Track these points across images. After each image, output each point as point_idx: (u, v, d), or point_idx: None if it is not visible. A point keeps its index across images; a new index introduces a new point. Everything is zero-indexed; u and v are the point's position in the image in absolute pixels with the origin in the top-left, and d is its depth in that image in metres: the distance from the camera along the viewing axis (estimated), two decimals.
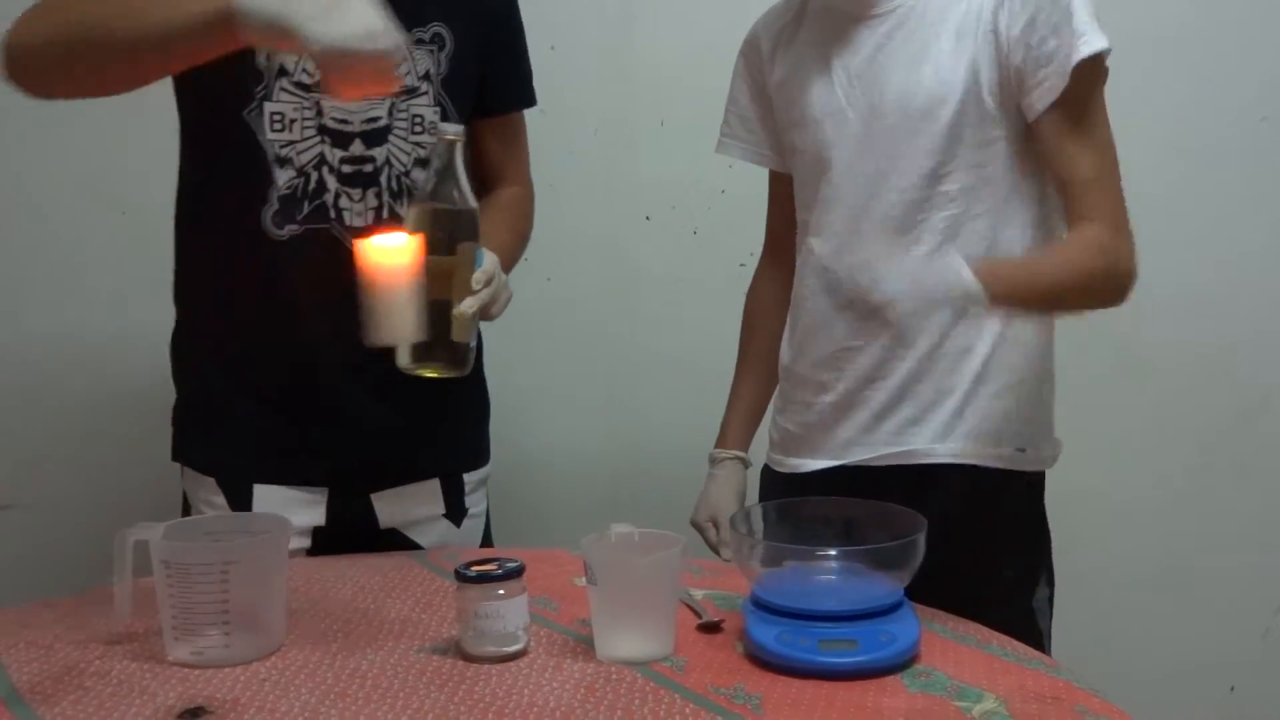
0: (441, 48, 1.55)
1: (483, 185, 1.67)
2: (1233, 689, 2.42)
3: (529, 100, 1.71)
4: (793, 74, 1.54)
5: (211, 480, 1.58)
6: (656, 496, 2.01)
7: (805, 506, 1.34)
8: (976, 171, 1.41)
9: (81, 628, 1.29)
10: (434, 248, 1.29)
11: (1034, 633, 1.49)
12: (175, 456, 1.63)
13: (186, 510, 1.62)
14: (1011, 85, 1.38)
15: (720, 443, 1.67)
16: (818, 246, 1.50)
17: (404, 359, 1.33)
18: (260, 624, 1.22)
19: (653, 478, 2.11)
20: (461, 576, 1.20)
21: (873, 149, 1.44)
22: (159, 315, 1.73)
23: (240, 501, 1.56)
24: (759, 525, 1.32)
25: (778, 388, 1.63)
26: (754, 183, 1.72)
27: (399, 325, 1.26)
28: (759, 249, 1.69)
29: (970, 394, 1.45)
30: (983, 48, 1.39)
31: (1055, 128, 1.37)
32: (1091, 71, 1.35)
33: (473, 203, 1.35)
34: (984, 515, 1.48)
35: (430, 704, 1.09)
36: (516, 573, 1.20)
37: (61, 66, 1.36)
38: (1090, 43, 1.34)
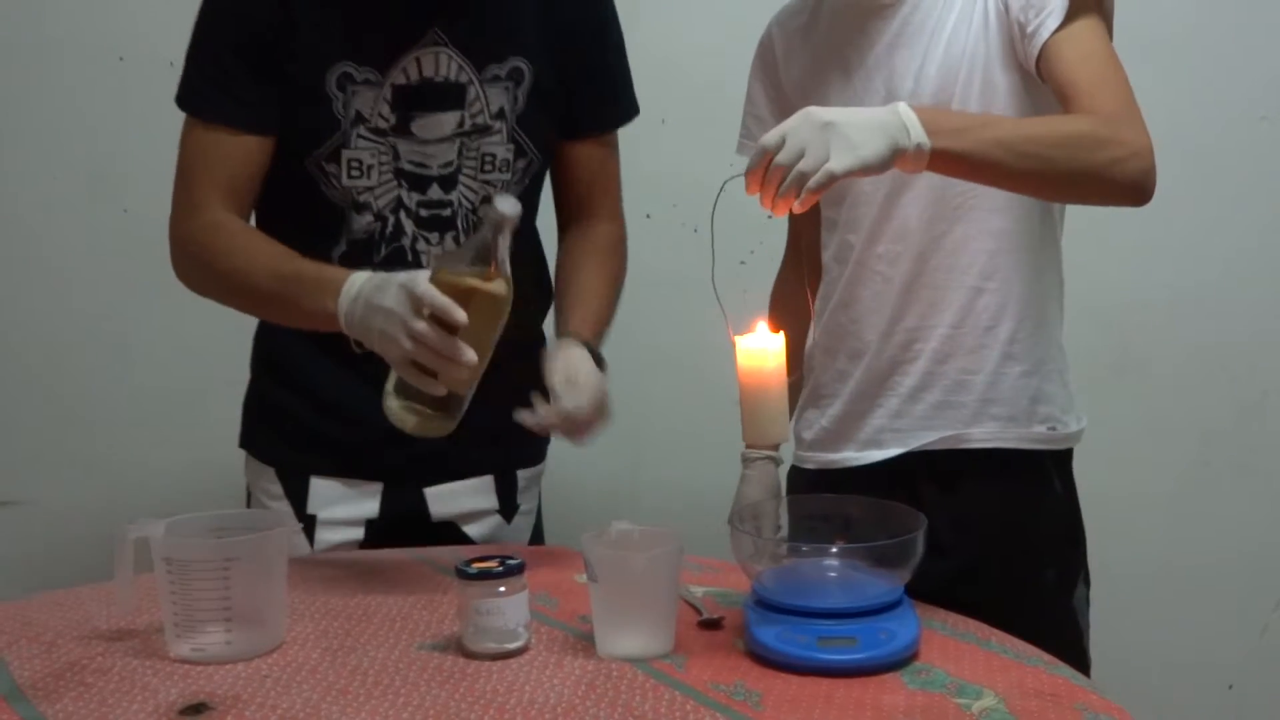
0: (519, 83, 1.53)
1: (572, 215, 1.66)
2: (1231, 687, 2.42)
3: (625, 115, 1.67)
4: (809, 71, 1.55)
5: (271, 470, 1.60)
6: (656, 493, 2.01)
7: (806, 504, 1.34)
8: None
9: (83, 624, 1.29)
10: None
11: (1074, 632, 1.49)
12: (242, 444, 1.64)
13: (249, 500, 1.64)
14: (1017, 42, 1.39)
15: (750, 441, 1.64)
16: (853, 240, 1.50)
17: (390, 399, 1.32)
18: (262, 621, 1.22)
19: (652, 474, 2.11)
20: (462, 574, 1.20)
21: None
22: (159, 314, 1.75)
23: (297, 493, 1.58)
24: (751, 525, 1.32)
25: (805, 385, 1.62)
26: None
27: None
28: (759, 247, 1.69)
29: (998, 374, 1.46)
30: (987, 13, 1.41)
31: (1058, 52, 1.34)
32: None
33: (503, 288, 1.29)
34: (1023, 509, 1.48)
35: (431, 701, 1.09)
36: (517, 570, 1.20)
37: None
38: None
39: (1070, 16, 1.34)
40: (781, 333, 1.20)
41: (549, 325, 1.66)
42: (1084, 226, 1.49)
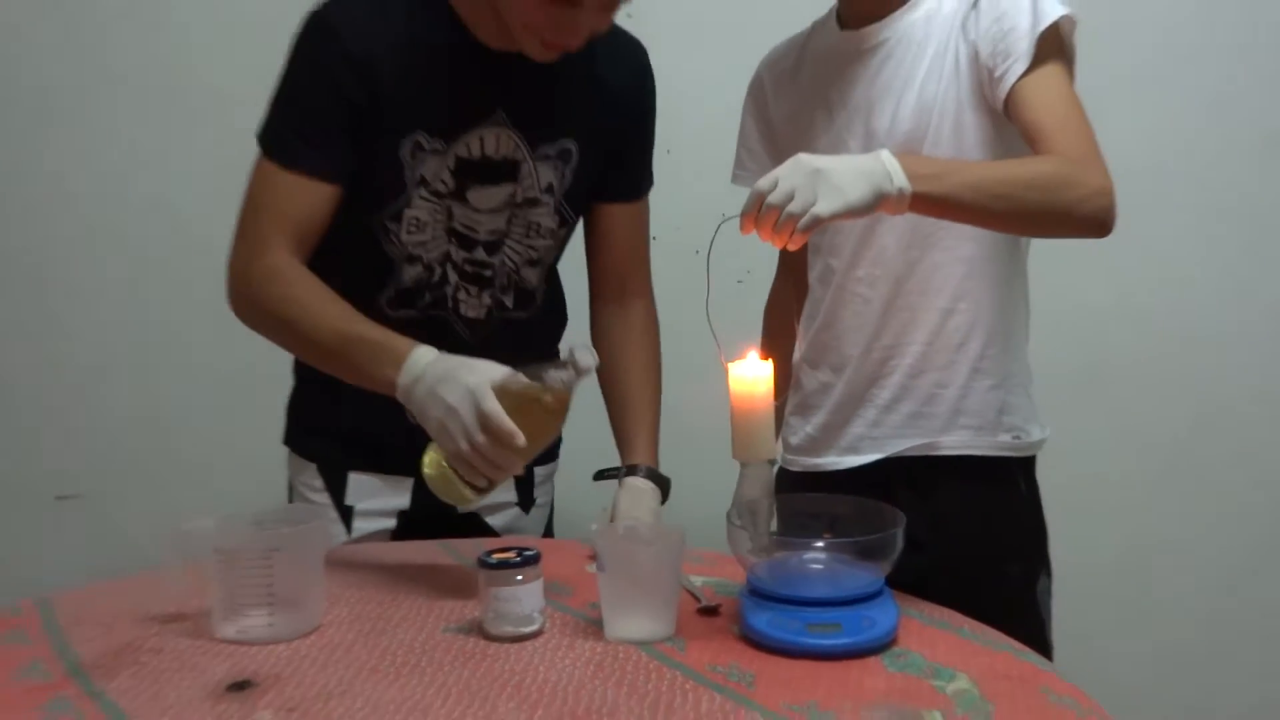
0: (567, 162, 1.53)
1: (608, 284, 1.66)
2: (1188, 674, 2.41)
3: (647, 185, 1.66)
4: (796, 108, 1.56)
5: (313, 466, 1.60)
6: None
7: (795, 503, 1.35)
8: None
9: (139, 608, 1.30)
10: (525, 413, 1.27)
11: (1037, 620, 1.50)
12: (285, 442, 1.65)
13: (290, 492, 1.65)
14: (986, 84, 1.39)
15: None
16: (835, 264, 1.51)
17: (431, 468, 1.33)
18: (301, 605, 1.23)
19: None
20: (484, 563, 1.21)
21: None
22: (208, 327, 1.74)
23: (336, 486, 1.58)
24: (749, 520, 1.33)
25: (792, 396, 1.62)
26: None
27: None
28: (755, 267, 1.70)
29: (967, 388, 1.46)
30: (958, 59, 1.41)
31: (1025, 96, 1.34)
32: (1053, 40, 1.35)
33: (563, 414, 1.32)
34: (990, 510, 1.49)
35: (454, 679, 1.10)
36: (533, 560, 1.21)
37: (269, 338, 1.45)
38: (1048, 14, 1.34)
39: (1035, 64, 1.34)
40: (770, 360, 1.20)
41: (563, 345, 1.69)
42: (1052, 247, 1.50)
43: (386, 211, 1.47)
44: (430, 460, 1.32)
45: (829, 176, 1.17)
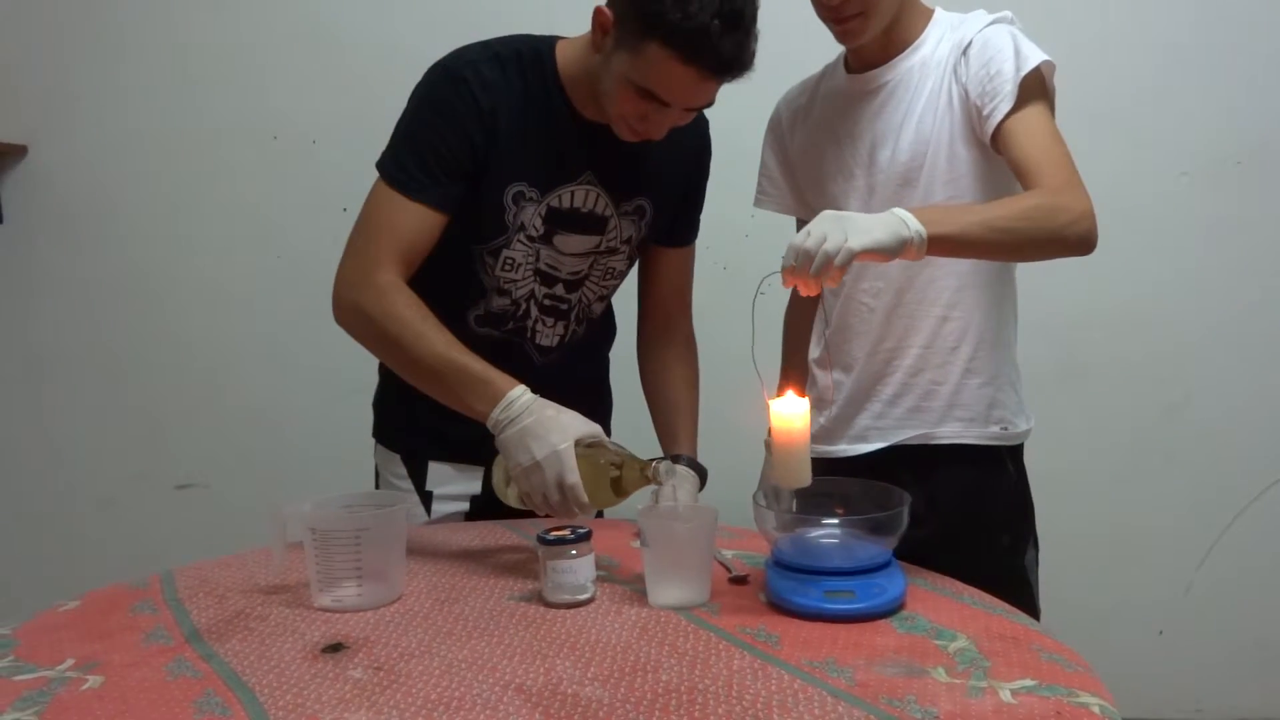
0: (643, 217, 1.53)
1: (652, 313, 1.66)
2: (1161, 633, 2.39)
3: (695, 233, 1.65)
4: (809, 142, 1.54)
5: (397, 456, 1.60)
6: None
7: (812, 485, 1.33)
8: (954, 201, 1.40)
9: (247, 581, 1.31)
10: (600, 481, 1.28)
11: (1025, 587, 1.47)
12: (374, 435, 1.64)
13: (377, 479, 1.64)
14: (975, 120, 1.37)
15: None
16: (844, 277, 1.49)
17: (500, 481, 1.34)
18: (386, 578, 1.23)
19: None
20: (543, 540, 1.20)
21: (876, 196, 1.44)
22: (305, 336, 1.77)
23: (418, 474, 1.58)
24: (774, 500, 1.31)
25: (809, 392, 1.61)
26: (770, 228, 1.71)
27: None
28: (776, 279, 1.68)
29: (960, 385, 1.44)
30: (951, 99, 1.39)
31: (1011, 133, 1.32)
32: (1035, 82, 1.33)
33: (629, 492, 1.30)
34: (982, 490, 1.47)
35: (518, 641, 1.10)
36: (586, 537, 1.21)
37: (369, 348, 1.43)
38: (1029, 60, 1.33)
39: (1019, 104, 1.32)
40: (806, 398, 1.18)
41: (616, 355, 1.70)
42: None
43: (488, 246, 1.46)
44: (499, 475, 1.34)
45: (855, 220, 1.15)
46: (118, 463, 2.50)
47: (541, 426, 1.26)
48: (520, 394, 1.29)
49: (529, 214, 1.45)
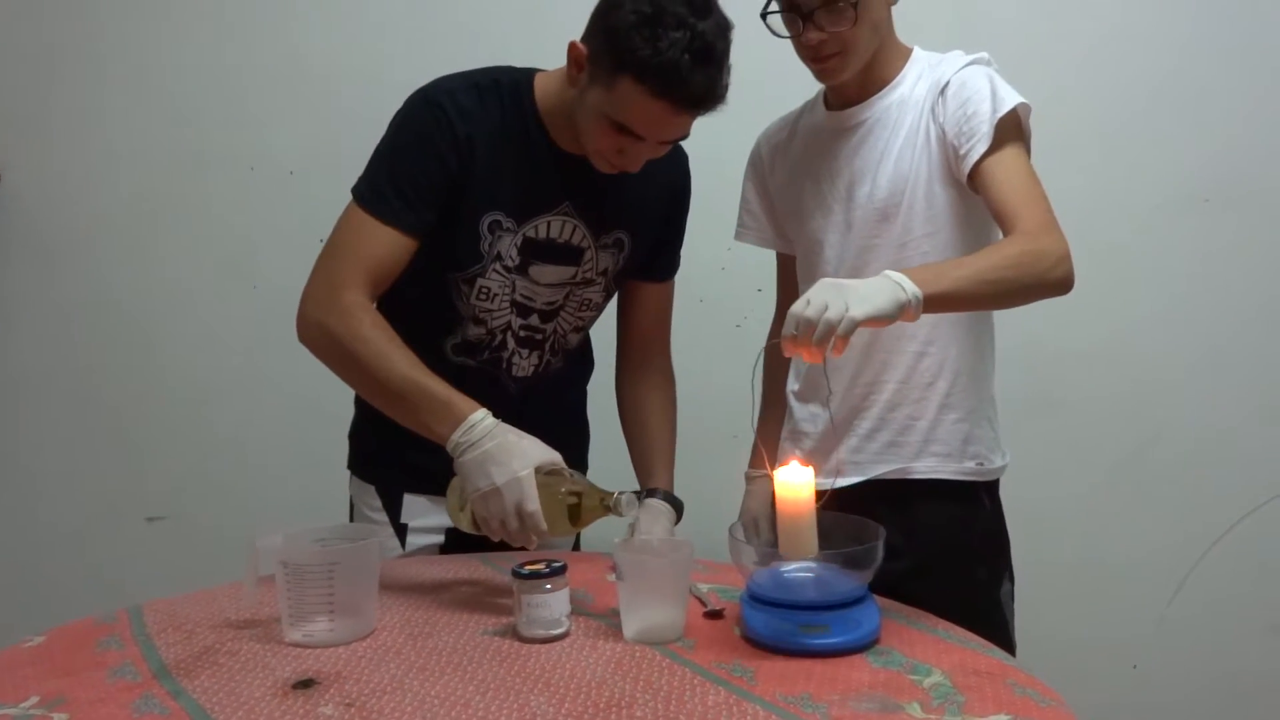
0: (621, 250, 1.53)
1: (630, 347, 1.66)
2: (1135, 666, 2.39)
3: (675, 268, 1.65)
4: (789, 178, 1.56)
5: (372, 488, 1.59)
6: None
7: None
8: (931, 239, 1.41)
9: (217, 615, 1.29)
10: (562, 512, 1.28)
11: (1001, 620, 1.47)
12: (349, 466, 1.63)
13: (352, 511, 1.63)
14: (951, 159, 1.38)
15: (752, 464, 1.63)
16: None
17: (454, 510, 1.34)
18: (358, 612, 1.21)
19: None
20: (517, 574, 1.20)
21: (854, 232, 1.45)
22: (278, 366, 1.75)
23: (393, 506, 1.57)
24: (752, 533, 1.31)
25: (786, 425, 1.61)
26: (746, 262, 1.72)
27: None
28: (751, 314, 1.70)
29: (936, 421, 1.45)
30: (929, 138, 1.40)
31: (989, 174, 1.34)
32: (1011, 123, 1.35)
33: (586, 521, 1.32)
34: (959, 524, 1.47)
35: (492, 676, 1.09)
36: (560, 571, 1.20)
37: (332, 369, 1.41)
38: (1006, 102, 1.34)
39: (995, 145, 1.33)
40: (810, 467, 1.18)
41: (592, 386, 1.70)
42: None
43: (464, 274, 1.46)
44: (454, 499, 1.34)
45: (855, 289, 1.15)
46: (88, 493, 2.47)
47: (503, 452, 1.26)
48: (482, 418, 1.29)
49: (505, 244, 1.45)
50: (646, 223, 1.56)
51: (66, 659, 1.15)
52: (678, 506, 1.54)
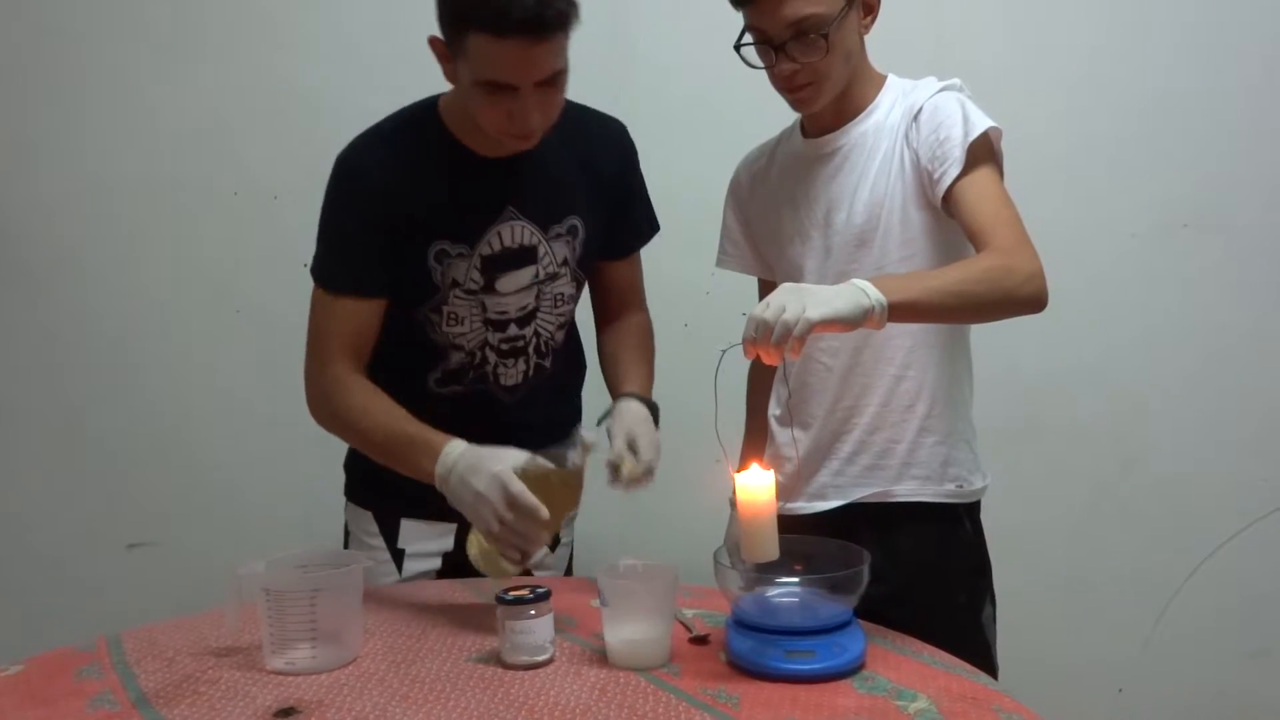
0: (575, 236, 1.54)
1: (611, 314, 1.67)
2: (1120, 690, 2.39)
3: (650, 232, 1.66)
4: (768, 204, 1.57)
5: (369, 514, 1.59)
6: (656, 532, 2.01)
7: None
8: (907, 263, 1.42)
9: (198, 643, 1.28)
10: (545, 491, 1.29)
11: (983, 644, 1.47)
12: (345, 494, 1.64)
13: (347, 538, 1.63)
14: (926, 183, 1.39)
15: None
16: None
17: (474, 549, 1.36)
18: (341, 639, 1.21)
19: (654, 517, 2.10)
20: (501, 600, 1.19)
21: (833, 258, 1.46)
22: (267, 392, 1.75)
23: (390, 531, 1.58)
24: (737, 558, 1.31)
25: (768, 449, 1.61)
26: (730, 287, 1.73)
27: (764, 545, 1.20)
28: (736, 338, 1.70)
29: (916, 444, 1.46)
30: (903, 163, 1.41)
31: (962, 196, 1.35)
32: (983, 147, 1.36)
33: (578, 486, 1.37)
34: (940, 547, 1.47)
35: (475, 704, 1.08)
36: (545, 596, 1.20)
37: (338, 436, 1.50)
38: (977, 126, 1.36)
39: (967, 168, 1.35)
40: (771, 470, 1.18)
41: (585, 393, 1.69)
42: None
43: (427, 305, 1.48)
44: (472, 542, 1.36)
45: (815, 292, 1.16)
46: (68, 518, 2.45)
47: (478, 463, 1.30)
48: (455, 446, 1.34)
49: (461, 269, 1.47)
50: (596, 204, 1.56)
51: (45, 688, 1.14)
52: (653, 408, 1.52)
